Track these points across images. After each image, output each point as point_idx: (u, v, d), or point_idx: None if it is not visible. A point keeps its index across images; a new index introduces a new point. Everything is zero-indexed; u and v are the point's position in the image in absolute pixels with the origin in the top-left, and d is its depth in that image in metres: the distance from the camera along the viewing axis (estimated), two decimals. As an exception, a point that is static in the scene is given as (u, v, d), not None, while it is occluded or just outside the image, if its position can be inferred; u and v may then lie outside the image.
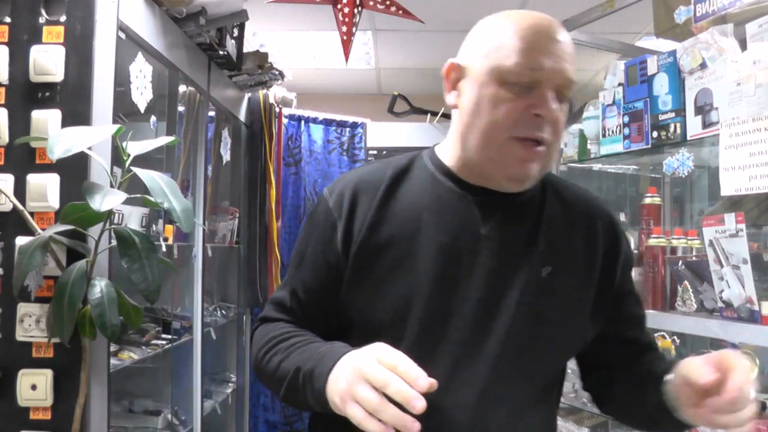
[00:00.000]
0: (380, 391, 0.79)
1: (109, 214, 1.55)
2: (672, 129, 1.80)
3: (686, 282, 1.78)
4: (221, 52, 2.56)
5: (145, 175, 1.49)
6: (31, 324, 1.60)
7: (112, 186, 1.54)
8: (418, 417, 0.78)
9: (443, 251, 0.97)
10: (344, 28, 2.60)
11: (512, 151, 0.95)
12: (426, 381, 0.79)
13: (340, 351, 0.89)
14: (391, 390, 0.79)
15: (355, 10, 2.59)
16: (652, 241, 1.92)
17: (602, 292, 1.03)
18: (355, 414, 0.81)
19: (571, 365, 1.25)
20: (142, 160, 1.60)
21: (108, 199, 1.42)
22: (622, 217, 3.24)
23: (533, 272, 0.97)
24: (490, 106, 0.95)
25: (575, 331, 1.03)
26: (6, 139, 1.63)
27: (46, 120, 1.60)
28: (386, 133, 4.03)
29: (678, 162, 1.81)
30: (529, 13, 0.98)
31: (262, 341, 1.03)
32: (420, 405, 0.77)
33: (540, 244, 0.99)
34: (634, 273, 1.96)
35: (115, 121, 1.70)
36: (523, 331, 0.96)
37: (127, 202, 1.50)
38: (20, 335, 1.60)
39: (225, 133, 3.09)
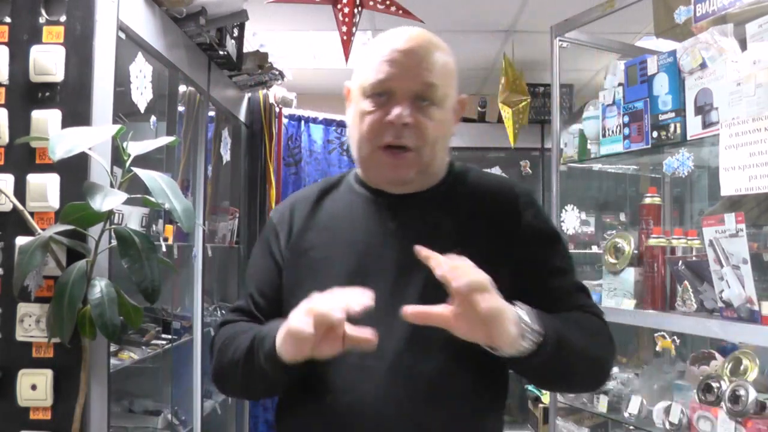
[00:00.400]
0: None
1: (109, 214, 1.55)
2: (672, 129, 1.80)
3: (686, 282, 1.78)
4: (221, 52, 2.56)
5: (145, 175, 1.49)
6: (31, 324, 1.60)
7: (112, 186, 1.54)
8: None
9: (355, 248, 1.10)
10: (344, 28, 2.59)
11: (380, 159, 1.07)
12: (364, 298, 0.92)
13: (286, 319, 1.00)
14: (332, 299, 0.92)
15: (355, 10, 2.59)
16: (652, 241, 1.92)
17: (517, 266, 1.08)
18: (294, 321, 0.93)
19: None
20: (142, 160, 1.60)
21: (108, 200, 1.42)
22: (622, 217, 3.24)
23: (440, 252, 1.01)
24: (358, 120, 1.09)
25: None
26: (6, 139, 1.63)
27: (46, 120, 1.60)
28: (386, 133, 4.02)
29: (678, 162, 1.81)
30: (396, 31, 1.09)
31: (221, 341, 1.13)
32: (337, 316, 0.90)
33: (446, 230, 1.08)
34: (635, 273, 1.97)
35: (115, 121, 1.70)
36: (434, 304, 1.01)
37: (127, 202, 1.50)
38: (20, 335, 1.60)
39: (225, 133, 3.09)
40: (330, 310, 0.90)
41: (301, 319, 0.93)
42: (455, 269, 0.90)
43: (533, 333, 0.94)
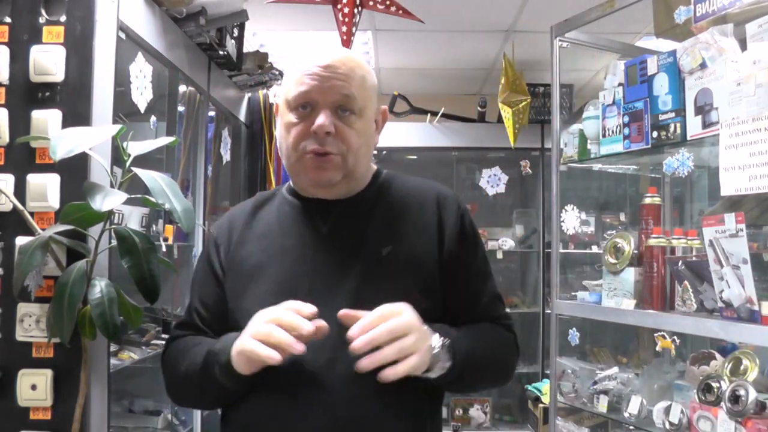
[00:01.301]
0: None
1: (109, 214, 1.55)
2: (672, 129, 1.80)
3: (686, 282, 1.78)
4: (221, 52, 2.56)
5: (146, 175, 1.49)
6: (31, 324, 1.60)
7: (112, 186, 1.53)
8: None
9: (288, 254, 1.17)
10: (344, 28, 2.60)
11: (305, 164, 1.15)
12: (310, 309, 1.01)
13: (238, 333, 1.08)
14: (283, 321, 1.00)
15: (355, 10, 2.59)
16: (652, 241, 1.92)
17: (442, 265, 1.17)
18: (251, 345, 1.01)
19: (572, 365, 1.27)
20: (142, 160, 1.60)
21: (109, 200, 1.42)
22: (622, 217, 3.24)
23: (372, 253, 1.14)
24: (285, 131, 1.17)
25: (417, 298, 1.11)
26: (6, 139, 1.63)
27: (46, 120, 1.60)
28: (386, 133, 4.00)
29: (678, 162, 1.81)
30: (319, 51, 1.17)
31: (171, 356, 1.21)
32: (307, 328, 0.99)
33: (375, 231, 1.17)
34: (635, 273, 1.97)
35: (115, 121, 1.70)
36: (365, 305, 1.06)
37: (127, 202, 1.50)
38: (20, 335, 1.60)
39: (225, 133, 3.09)
40: (288, 343, 0.99)
41: (257, 345, 1.00)
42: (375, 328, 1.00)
43: (442, 366, 1.06)
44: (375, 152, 4.18)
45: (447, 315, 1.17)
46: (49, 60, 1.61)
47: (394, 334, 1.00)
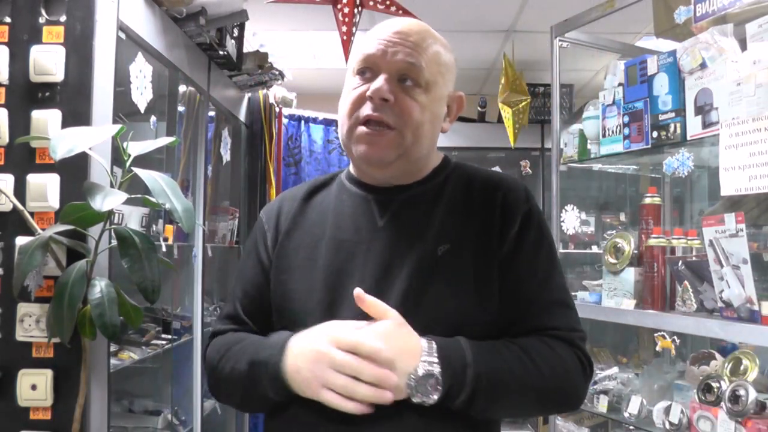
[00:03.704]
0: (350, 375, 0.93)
1: (109, 214, 1.55)
2: (672, 129, 1.80)
3: (686, 282, 1.78)
4: (221, 52, 2.56)
5: (146, 175, 1.49)
6: (31, 324, 1.60)
7: (112, 186, 1.53)
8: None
9: (340, 247, 1.08)
10: (344, 28, 2.59)
11: (359, 135, 1.05)
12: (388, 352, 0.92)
13: (286, 335, 1.02)
14: (366, 377, 0.92)
15: (355, 10, 2.59)
16: (652, 241, 1.92)
17: (501, 268, 1.05)
18: (331, 399, 0.94)
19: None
20: (142, 160, 1.60)
21: (109, 200, 1.42)
22: (622, 217, 3.24)
23: (427, 251, 1.04)
24: (345, 97, 1.08)
25: (472, 301, 1.03)
26: (6, 139, 1.63)
27: (46, 120, 1.60)
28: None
29: (678, 162, 1.81)
30: (399, 18, 1.14)
31: (215, 355, 1.11)
32: (393, 380, 0.92)
33: (435, 225, 1.06)
34: (635, 273, 1.97)
35: (115, 121, 1.70)
36: (414, 305, 1.00)
37: (127, 202, 1.50)
38: (20, 335, 1.60)
39: (225, 133, 3.09)
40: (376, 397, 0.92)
41: (340, 400, 0.93)
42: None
43: (428, 396, 0.93)
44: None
45: (502, 324, 1.04)
46: (49, 60, 1.61)
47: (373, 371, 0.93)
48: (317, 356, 0.95)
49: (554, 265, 1.09)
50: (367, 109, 1.03)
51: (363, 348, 0.93)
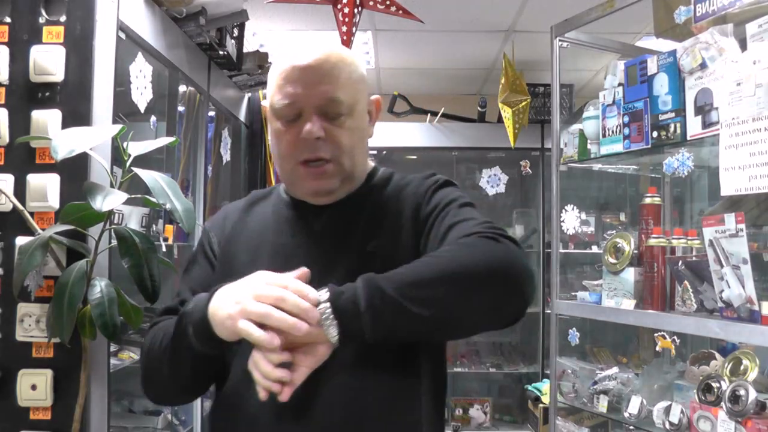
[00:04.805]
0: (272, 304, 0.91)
1: (110, 214, 1.55)
2: (672, 129, 1.80)
3: (686, 282, 1.78)
4: (221, 52, 2.56)
5: (146, 175, 1.49)
6: (31, 324, 1.60)
7: (112, 186, 1.54)
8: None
9: (280, 252, 1.13)
10: (344, 28, 2.59)
11: (301, 174, 1.12)
12: (315, 294, 0.92)
13: (214, 289, 1.00)
14: (287, 304, 0.90)
15: (355, 10, 2.59)
16: (652, 241, 1.92)
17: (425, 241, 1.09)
18: (245, 327, 0.91)
19: (572, 365, 1.24)
20: (142, 160, 1.60)
21: (109, 199, 1.42)
22: (622, 217, 3.24)
23: (359, 248, 1.09)
24: (276, 140, 1.14)
25: None
26: (6, 139, 1.63)
27: (46, 120, 1.60)
28: (386, 133, 4.03)
29: (678, 162, 1.81)
30: (300, 48, 1.12)
31: (148, 340, 1.12)
32: (314, 315, 0.90)
33: (365, 225, 1.12)
34: (635, 273, 1.97)
35: (115, 121, 1.70)
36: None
37: (127, 202, 1.50)
38: (20, 335, 1.60)
39: (225, 133, 3.09)
40: (292, 325, 0.89)
41: (251, 327, 0.90)
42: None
43: (329, 318, 0.91)
44: (374, 152, 4.19)
45: None
46: (49, 60, 1.61)
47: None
48: (242, 289, 0.95)
49: (464, 203, 1.10)
50: (305, 152, 1.09)
51: (291, 285, 0.93)
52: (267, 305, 0.91)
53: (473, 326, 1.04)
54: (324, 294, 0.93)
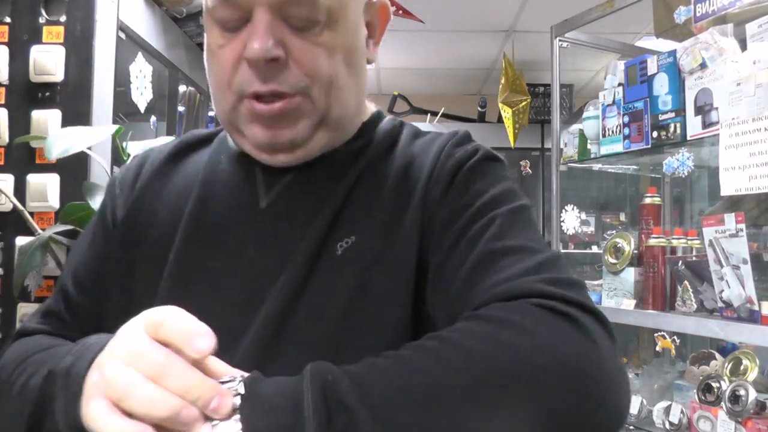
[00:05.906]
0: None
1: (109, 214, 1.55)
2: (672, 129, 1.80)
3: (686, 282, 1.78)
4: (221, 52, 2.56)
5: (145, 175, 1.49)
6: (31, 324, 1.60)
7: (112, 186, 1.54)
8: None
9: (204, 233, 0.73)
10: (344, 28, 2.59)
11: (245, 116, 0.70)
12: (207, 340, 0.48)
13: (106, 338, 0.53)
14: (172, 381, 0.46)
15: (355, 10, 2.59)
16: (652, 241, 1.92)
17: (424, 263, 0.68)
18: (93, 412, 0.47)
19: None
20: (142, 160, 1.60)
21: (108, 199, 1.42)
22: (622, 217, 3.25)
23: (322, 246, 0.68)
24: (211, 59, 0.75)
25: (388, 312, 0.66)
26: (6, 139, 1.63)
27: (46, 120, 1.60)
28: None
29: (678, 162, 1.81)
30: None
31: (8, 364, 0.67)
32: (218, 407, 0.47)
33: (338, 211, 0.70)
34: (635, 273, 1.97)
35: (115, 121, 1.70)
36: (295, 333, 0.65)
37: (127, 202, 1.50)
38: (20, 335, 1.60)
39: (225, 133, 3.09)
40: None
41: (111, 419, 0.46)
42: None
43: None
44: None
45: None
46: (49, 60, 1.61)
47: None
48: (117, 341, 0.50)
49: (511, 222, 0.67)
50: (252, 81, 0.67)
51: (194, 345, 0.48)
52: (135, 374, 0.47)
53: None
54: (237, 384, 0.49)
